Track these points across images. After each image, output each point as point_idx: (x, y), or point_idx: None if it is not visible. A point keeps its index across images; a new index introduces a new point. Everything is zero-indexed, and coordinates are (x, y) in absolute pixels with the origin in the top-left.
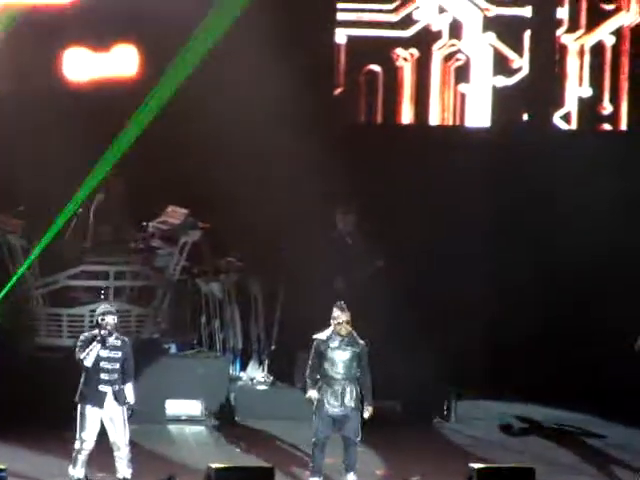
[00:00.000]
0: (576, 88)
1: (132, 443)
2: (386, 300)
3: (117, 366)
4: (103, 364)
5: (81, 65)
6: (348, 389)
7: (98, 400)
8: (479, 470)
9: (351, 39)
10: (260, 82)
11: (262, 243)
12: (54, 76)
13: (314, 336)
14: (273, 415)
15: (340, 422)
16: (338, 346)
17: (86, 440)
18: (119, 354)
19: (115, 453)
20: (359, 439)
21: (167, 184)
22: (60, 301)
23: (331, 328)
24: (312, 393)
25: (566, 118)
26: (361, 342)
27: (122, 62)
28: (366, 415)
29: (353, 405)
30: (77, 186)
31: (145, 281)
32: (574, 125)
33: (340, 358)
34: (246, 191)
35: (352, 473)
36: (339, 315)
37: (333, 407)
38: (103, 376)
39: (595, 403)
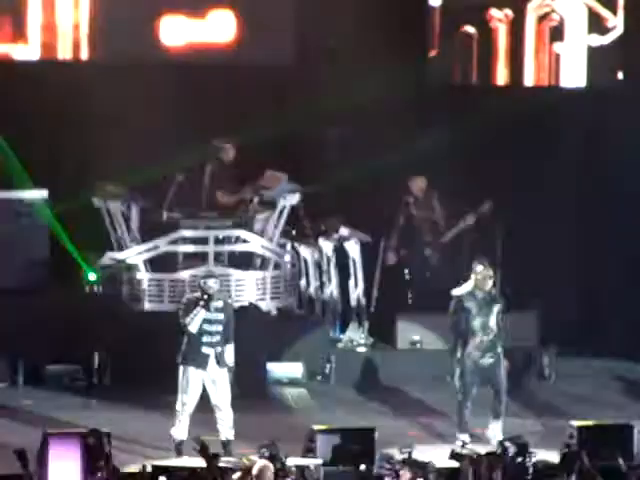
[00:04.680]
0: None
1: (234, 406)
2: None
3: (220, 328)
4: (206, 326)
5: (177, 32)
6: (493, 341)
7: (201, 362)
8: (579, 427)
9: (445, 1)
10: (355, 47)
11: (361, 206)
12: (150, 43)
13: (454, 292)
14: (373, 377)
15: (488, 371)
16: (481, 301)
17: (187, 403)
18: (221, 316)
19: (217, 415)
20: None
21: (266, 149)
22: (161, 267)
23: (471, 283)
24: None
25: None
26: (500, 297)
27: (218, 28)
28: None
29: (499, 356)
30: (175, 154)
31: (244, 246)
32: None
33: (485, 312)
34: (345, 155)
35: (499, 421)
36: (482, 270)
37: (480, 357)
38: (206, 338)
39: None
